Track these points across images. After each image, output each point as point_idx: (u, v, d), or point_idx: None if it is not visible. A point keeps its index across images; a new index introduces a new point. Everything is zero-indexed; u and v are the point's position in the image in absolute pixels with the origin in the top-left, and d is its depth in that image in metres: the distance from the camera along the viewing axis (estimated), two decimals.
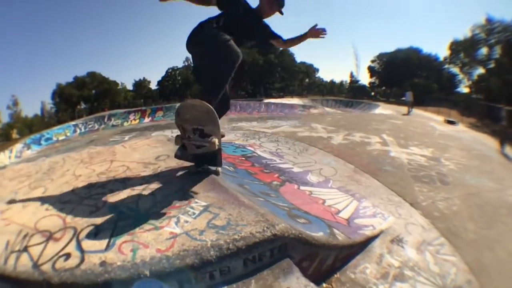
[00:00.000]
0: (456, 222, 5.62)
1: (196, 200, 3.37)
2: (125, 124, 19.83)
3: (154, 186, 3.81)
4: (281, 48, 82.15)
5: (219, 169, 4.24)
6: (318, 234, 3.47)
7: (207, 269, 2.55)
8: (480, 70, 63.25)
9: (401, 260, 4.20)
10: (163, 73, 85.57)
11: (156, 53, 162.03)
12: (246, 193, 3.98)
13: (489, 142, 18.13)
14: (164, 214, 3.13)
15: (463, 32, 71.63)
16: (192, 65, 79.59)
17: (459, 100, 47.17)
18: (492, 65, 57.68)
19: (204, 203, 3.29)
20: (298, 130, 12.34)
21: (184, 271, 2.47)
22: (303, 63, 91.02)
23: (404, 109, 30.28)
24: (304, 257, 3.21)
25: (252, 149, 8.21)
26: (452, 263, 4.44)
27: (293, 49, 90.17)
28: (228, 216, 3.07)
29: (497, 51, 56.18)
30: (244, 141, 9.74)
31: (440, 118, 26.87)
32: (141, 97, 79.07)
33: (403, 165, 8.57)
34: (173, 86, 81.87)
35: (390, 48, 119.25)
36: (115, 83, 77.90)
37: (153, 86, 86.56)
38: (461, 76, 68.95)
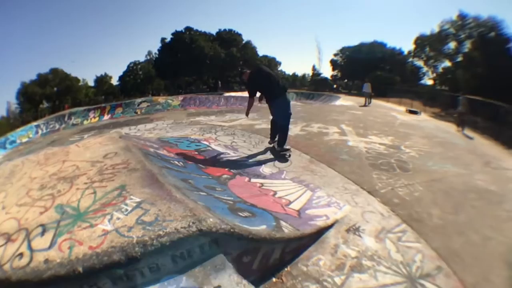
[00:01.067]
0: (418, 208, 5.49)
1: (132, 197, 3.32)
2: (85, 122, 19.23)
3: (97, 184, 3.76)
4: (243, 41, 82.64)
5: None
6: (259, 228, 3.42)
7: (135, 266, 2.54)
8: (447, 63, 65.66)
9: (358, 249, 4.03)
10: (125, 68, 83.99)
11: (118, 48, 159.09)
12: (186, 188, 3.96)
13: (453, 130, 18.42)
14: (100, 211, 3.13)
15: (430, 28, 74.55)
16: (154, 59, 79.13)
17: (422, 92, 49.07)
18: (459, 59, 60.05)
19: (138, 199, 3.25)
20: (256, 123, 12.30)
21: (113, 267, 2.48)
22: (265, 56, 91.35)
23: (363, 100, 30.34)
24: (244, 252, 3.12)
25: (207, 143, 8.26)
26: (416, 249, 4.28)
27: (256, 42, 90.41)
28: (157, 212, 3.01)
29: (467, 45, 58.23)
30: (200, 135, 9.64)
31: (402, 108, 27.22)
32: (102, 93, 78.10)
33: (361, 154, 8.51)
34: (134, 81, 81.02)
35: (354, 42, 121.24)
36: (76, 80, 75.89)
37: (115, 81, 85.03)
38: (425, 69, 72.19)
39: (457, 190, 6.84)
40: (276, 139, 7.78)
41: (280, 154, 7.36)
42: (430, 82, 71.53)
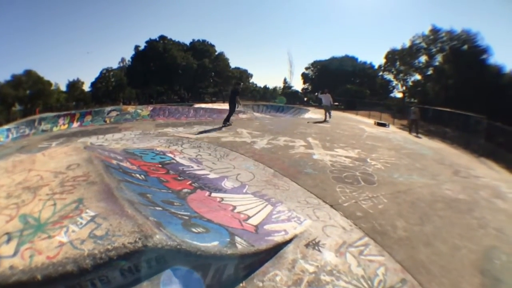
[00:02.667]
0: (382, 221, 5.51)
1: (87, 210, 3.51)
2: (55, 129, 19.00)
3: (57, 196, 3.92)
4: (216, 53, 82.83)
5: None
6: (210, 244, 3.48)
7: (87, 277, 2.69)
8: (417, 77, 69.49)
9: (317, 264, 4.01)
10: (98, 74, 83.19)
11: (93, 52, 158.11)
12: (141, 203, 4.01)
13: (422, 141, 18.66)
14: (58, 223, 3.30)
15: (402, 42, 77.76)
16: (127, 66, 78.61)
17: (392, 104, 50.81)
18: (430, 72, 63.49)
19: (92, 213, 3.44)
20: (223, 135, 12.30)
21: (67, 277, 2.64)
22: (237, 68, 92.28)
23: (332, 113, 29.91)
24: (194, 268, 3.20)
25: (171, 155, 8.24)
26: (379, 263, 4.28)
27: (228, 54, 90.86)
28: (109, 227, 3.15)
29: (439, 58, 61.46)
30: (167, 147, 9.60)
31: (371, 121, 27.55)
32: (73, 99, 77.24)
33: (326, 167, 8.52)
34: (106, 89, 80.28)
35: (326, 56, 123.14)
36: (49, 83, 74.69)
37: (88, 87, 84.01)
38: (395, 82, 76.29)
39: (424, 200, 6.91)
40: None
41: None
42: (399, 95, 75.38)
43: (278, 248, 4.09)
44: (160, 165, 7.03)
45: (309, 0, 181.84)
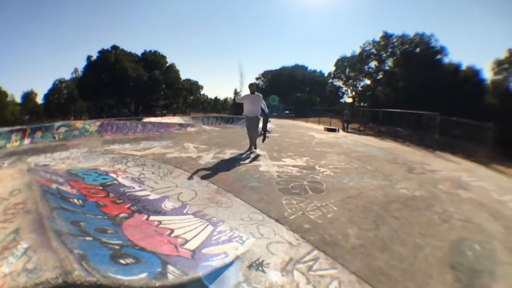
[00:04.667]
0: (332, 231, 5.39)
1: (22, 242, 3.43)
2: (8, 145, 18.29)
3: (0, 225, 3.85)
4: (167, 64, 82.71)
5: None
6: (137, 277, 3.32)
7: None
8: (367, 82, 76.12)
9: (261, 287, 3.84)
10: (51, 85, 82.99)
11: (46, 62, 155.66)
12: (70, 233, 3.87)
13: (373, 143, 19.00)
14: (1, 254, 3.25)
15: (352, 50, 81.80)
16: (79, 77, 77.45)
17: (341, 110, 52.77)
18: (380, 76, 69.89)
19: (25, 246, 3.36)
20: (169, 151, 12.28)
21: None
22: (188, 80, 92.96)
23: (283, 122, 29.55)
24: None
25: (114, 176, 8.11)
26: (331, 277, 4.13)
27: (179, 65, 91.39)
28: (37, 260, 3.11)
29: (389, 63, 67.79)
30: (111, 166, 9.45)
31: (321, 127, 27.84)
32: (27, 112, 76.15)
33: (272, 179, 8.46)
34: (58, 101, 79.26)
35: (276, 66, 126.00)
36: (5, 94, 73.50)
37: (41, 99, 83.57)
38: (345, 88, 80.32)
39: (377, 203, 6.90)
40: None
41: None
42: (349, 100, 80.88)
43: (217, 273, 3.88)
44: (100, 187, 6.86)
45: (259, 11, 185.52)
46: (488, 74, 59.02)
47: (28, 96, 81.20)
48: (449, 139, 22.64)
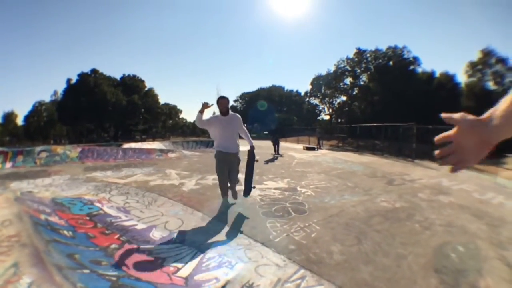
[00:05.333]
0: (316, 249, 5.52)
1: (23, 277, 3.44)
2: None
3: None
4: (146, 88, 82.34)
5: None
6: None
7: None
8: (343, 98, 77.42)
9: None
10: (31, 107, 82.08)
11: (27, 80, 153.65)
12: (69, 267, 4.06)
13: (352, 159, 19.17)
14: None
15: (327, 68, 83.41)
16: (59, 100, 76.65)
17: (319, 127, 52.94)
18: (355, 92, 71.61)
19: (28, 280, 3.37)
20: (151, 179, 12.33)
21: None
22: (166, 104, 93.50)
23: (266, 143, 29.41)
24: None
25: (100, 205, 8.20)
26: None
27: (158, 89, 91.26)
28: None
29: (364, 78, 69.92)
30: (95, 195, 9.50)
31: (300, 146, 27.98)
32: (7, 133, 75.05)
33: (255, 203, 8.57)
34: (38, 124, 78.31)
35: (253, 87, 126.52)
36: None
37: (21, 120, 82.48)
38: (321, 106, 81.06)
39: (359, 219, 7.06)
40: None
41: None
42: (327, 117, 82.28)
43: None
44: (87, 218, 6.97)
45: (237, 34, 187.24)
46: (462, 78, 60.72)
47: (9, 117, 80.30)
48: (428, 147, 22.96)
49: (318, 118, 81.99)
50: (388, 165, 16.32)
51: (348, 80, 73.07)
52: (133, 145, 30.52)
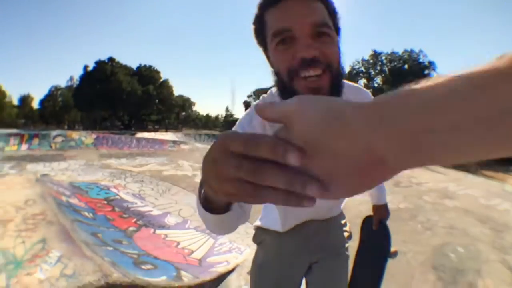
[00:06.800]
0: None
1: (53, 251, 3.87)
2: (6, 148, 18.69)
3: (24, 234, 4.24)
4: (161, 79, 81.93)
5: None
6: (159, 279, 3.87)
7: None
8: None
9: None
10: (47, 91, 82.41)
11: (44, 64, 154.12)
12: (95, 244, 4.40)
13: None
14: (32, 262, 3.68)
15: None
16: (75, 86, 76.97)
17: None
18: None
19: (58, 254, 3.80)
20: (164, 169, 12.47)
21: None
22: (180, 96, 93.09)
23: None
24: None
25: (116, 191, 8.38)
26: None
27: (173, 80, 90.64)
28: (74, 267, 3.58)
29: (378, 80, 69.07)
30: (110, 181, 9.67)
31: None
32: (23, 116, 75.31)
33: None
34: (53, 108, 78.30)
35: (267, 84, 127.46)
36: (3, 94, 73.71)
37: (37, 104, 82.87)
38: None
39: (361, 216, 6.87)
40: None
41: None
42: None
43: (222, 278, 4.38)
44: (105, 202, 7.23)
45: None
46: None
47: (25, 100, 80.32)
48: None
49: None
50: None
51: (362, 82, 71.41)
52: (146, 134, 30.59)
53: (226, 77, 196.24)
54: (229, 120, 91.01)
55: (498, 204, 9.68)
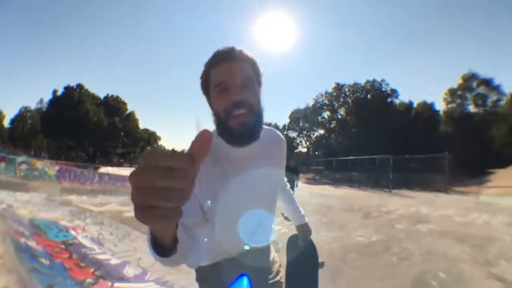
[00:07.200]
0: None
1: None
2: None
3: None
4: (128, 111, 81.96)
5: None
6: None
7: None
8: (320, 131, 79.66)
9: None
10: (18, 111, 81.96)
11: (15, 82, 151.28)
12: None
13: (328, 192, 19.39)
14: None
15: (305, 102, 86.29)
16: (44, 111, 76.16)
17: (296, 160, 54.89)
18: (333, 125, 73.61)
19: None
20: (125, 209, 12.09)
21: None
22: (146, 130, 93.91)
23: None
24: None
25: (75, 233, 8.17)
26: None
27: (140, 114, 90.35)
28: None
29: (342, 112, 72.08)
30: (70, 221, 9.44)
31: None
32: None
33: None
34: (22, 130, 77.46)
35: None
36: None
37: (7, 122, 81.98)
38: (299, 139, 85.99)
39: (334, 257, 6.93)
40: None
41: None
42: (304, 150, 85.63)
43: None
44: (63, 246, 7.02)
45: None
46: (441, 105, 62.75)
47: None
48: (405, 175, 23.31)
49: (296, 151, 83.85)
50: (365, 197, 16.49)
51: (326, 114, 75.67)
52: (110, 169, 30.88)
53: (190, 110, 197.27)
54: None
55: (475, 218, 9.80)
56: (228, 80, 1.52)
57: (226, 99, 1.50)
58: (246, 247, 1.81)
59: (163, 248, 1.02)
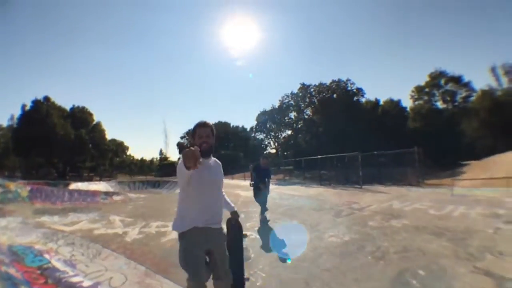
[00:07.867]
0: None
1: None
2: None
3: None
4: (94, 122, 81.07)
5: None
6: None
7: None
8: (288, 132, 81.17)
9: None
10: None
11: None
12: None
13: (298, 192, 19.83)
14: None
15: (271, 104, 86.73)
16: (14, 128, 74.45)
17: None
18: (300, 125, 75.16)
19: None
20: (95, 227, 11.93)
21: None
22: (113, 140, 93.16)
23: None
24: None
25: (48, 257, 8.01)
26: None
27: (106, 125, 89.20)
28: None
29: (308, 112, 73.76)
30: (44, 244, 9.26)
31: (246, 183, 28.24)
32: None
33: None
34: None
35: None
36: None
37: None
38: (267, 141, 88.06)
39: (306, 260, 6.80)
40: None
41: None
42: (273, 151, 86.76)
43: None
44: (39, 271, 6.91)
45: (182, 69, 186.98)
46: (408, 102, 64.33)
47: None
48: (375, 171, 23.49)
49: (265, 152, 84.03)
50: (335, 195, 16.60)
51: (292, 114, 76.56)
52: (79, 185, 30.69)
53: (158, 117, 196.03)
54: (164, 163, 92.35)
55: (451, 211, 9.75)
56: (203, 134, 3.87)
57: (201, 139, 3.84)
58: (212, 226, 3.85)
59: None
